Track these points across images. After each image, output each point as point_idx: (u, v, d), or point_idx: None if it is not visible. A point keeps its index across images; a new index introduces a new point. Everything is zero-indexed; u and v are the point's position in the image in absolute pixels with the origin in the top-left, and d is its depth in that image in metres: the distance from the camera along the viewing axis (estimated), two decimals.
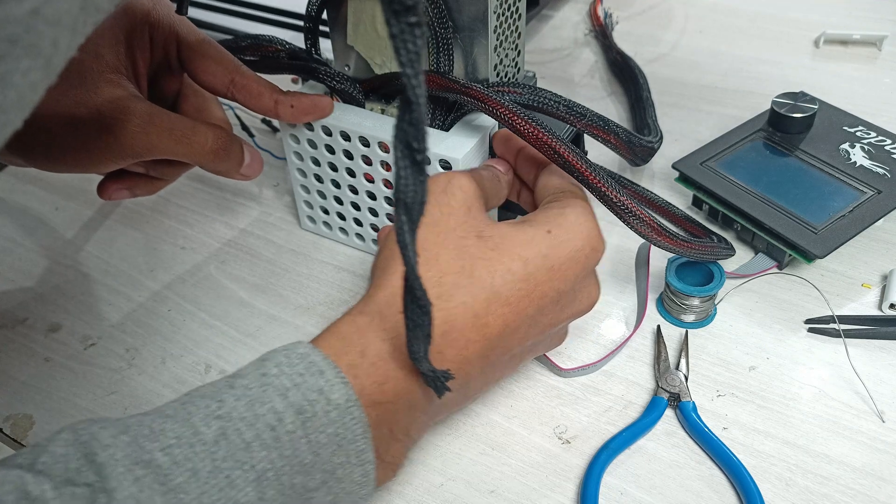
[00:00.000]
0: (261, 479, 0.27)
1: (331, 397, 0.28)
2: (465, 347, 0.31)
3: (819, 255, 0.42)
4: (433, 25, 0.40)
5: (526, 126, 0.37)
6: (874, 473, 0.35)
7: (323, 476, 0.28)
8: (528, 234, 0.33)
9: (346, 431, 0.29)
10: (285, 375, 0.29)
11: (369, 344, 0.30)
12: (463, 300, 0.31)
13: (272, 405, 0.28)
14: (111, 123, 0.38)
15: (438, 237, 0.33)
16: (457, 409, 0.35)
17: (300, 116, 0.43)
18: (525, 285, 0.32)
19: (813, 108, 0.50)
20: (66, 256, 0.51)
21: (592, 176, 0.37)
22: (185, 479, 0.25)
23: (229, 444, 0.27)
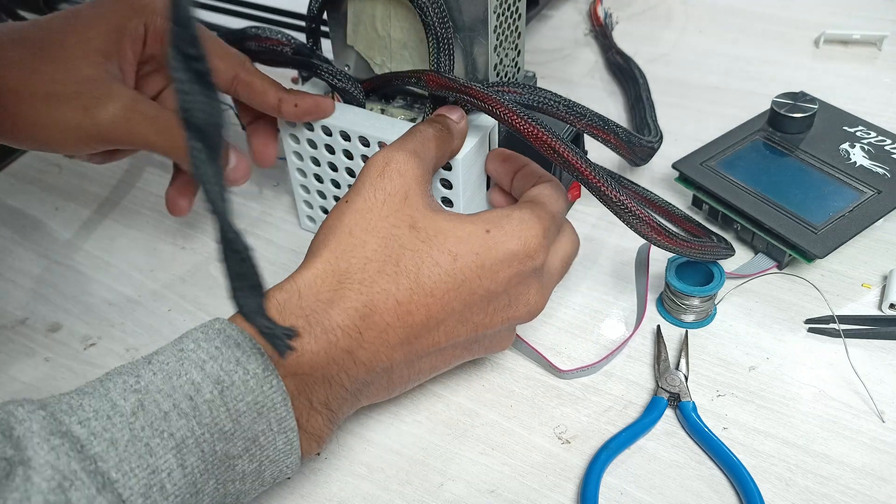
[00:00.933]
0: (180, 446, 0.27)
1: (248, 367, 0.29)
2: (384, 332, 0.32)
3: (819, 255, 0.42)
4: (433, 25, 0.40)
5: (525, 126, 0.37)
6: (874, 473, 0.35)
7: (245, 443, 0.29)
8: (465, 230, 0.34)
9: (266, 399, 0.29)
10: (202, 349, 0.29)
11: (286, 319, 0.31)
12: (385, 287, 0.32)
13: (190, 377, 0.28)
14: (89, 104, 0.37)
15: (369, 224, 0.33)
16: (385, 396, 0.35)
17: (303, 116, 0.42)
18: (451, 280, 0.33)
19: (813, 108, 0.50)
20: (66, 256, 0.51)
21: (592, 176, 0.37)
22: (103, 448, 0.26)
23: (147, 415, 0.27)
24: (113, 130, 0.38)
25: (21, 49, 0.38)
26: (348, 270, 0.32)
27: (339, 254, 0.33)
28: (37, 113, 0.37)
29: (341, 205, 0.34)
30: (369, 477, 0.37)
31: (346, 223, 0.33)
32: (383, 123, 0.42)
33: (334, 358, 0.31)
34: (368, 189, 0.34)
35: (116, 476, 0.26)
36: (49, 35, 0.38)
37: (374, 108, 0.45)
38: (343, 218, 0.34)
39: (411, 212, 0.34)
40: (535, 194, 0.38)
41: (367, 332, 0.32)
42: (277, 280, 0.47)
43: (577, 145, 0.45)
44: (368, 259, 0.33)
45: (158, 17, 0.40)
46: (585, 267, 0.47)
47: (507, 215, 0.35)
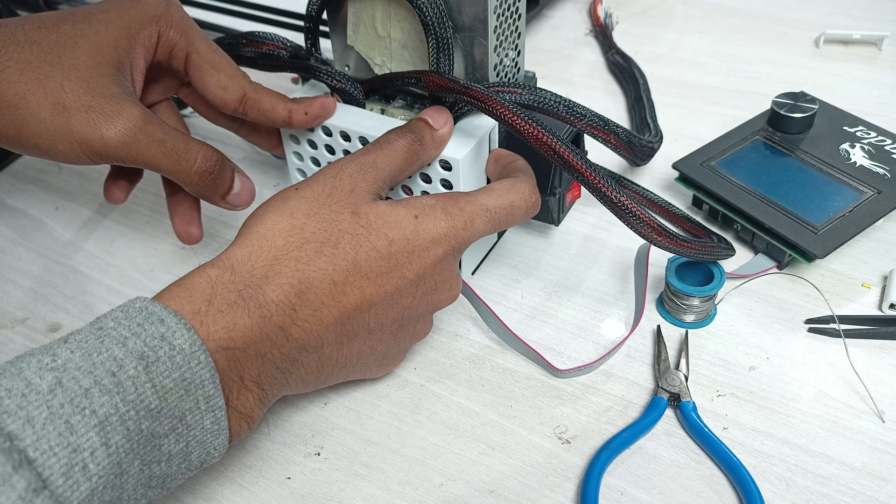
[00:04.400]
0: (104, 423, 0.26)
1: (174, 342, 0.28)
2: (318, 310, 0.33)
3: (819, 255, 0.42)
4: (433, 26, 0.40)
5: (525, 126, 0.37)
6: (874, 473, 0.35)
7: (171, 422, 0.28)
8: (399, 214, 0.35)
9: (193, 376, 0.29)
10: (123, 327, 0.28)
11: (217, 293, 0.31)
12: (322, 266, 0.33)
13: (111, 353, 0.27)
14: (98, 121, 0.36)
15: (311, 209, 0.34)
16: (314, 381, 0.35)
17: (312, 122, 0.42)
18: (386, 263, 0.34)
19: (813, 108, 0.50)
20: (66, 256, 0.51)
21: (592, 176, 0.37)
22: (18, 426, 0.25)
23: (66, 392, 0.26)
24: (119, 149, 0.36)
25: (29, 52, 0.36)
26: (285, 248, 0.33)
27: (277, 232, 0.33)
28: (42, 122, 0.36)
29: (289, 191, 0.35)
30: (369, 477, 0.37)
31: (289, 206, 0.34)
32: (383, 124, 0.42)
33: (267, 333, 0.31)
34: (319, 183, 0.35)
35: (34, 455, 0.24)
36: (59, 40, 0.37)
37: (374, 109, 0.45)
38: (288, 201, 0.34)
39: (355, 200, 0.35)
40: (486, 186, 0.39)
41: (302, 308, 0.32)
42: None
43: (577, 145, 0.45)
44: (306, 240, 0.33)
45: (172, 29, 0.40)
46: (585, 267, 0.47)
47: (432, 205, 0.36)
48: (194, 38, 0.40)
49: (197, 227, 0.44)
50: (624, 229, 0.39)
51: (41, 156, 0.38)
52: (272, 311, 0.31)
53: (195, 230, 0.44)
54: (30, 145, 0.37)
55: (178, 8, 0.40)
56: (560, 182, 0.45)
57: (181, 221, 0.44)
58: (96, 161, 0.38)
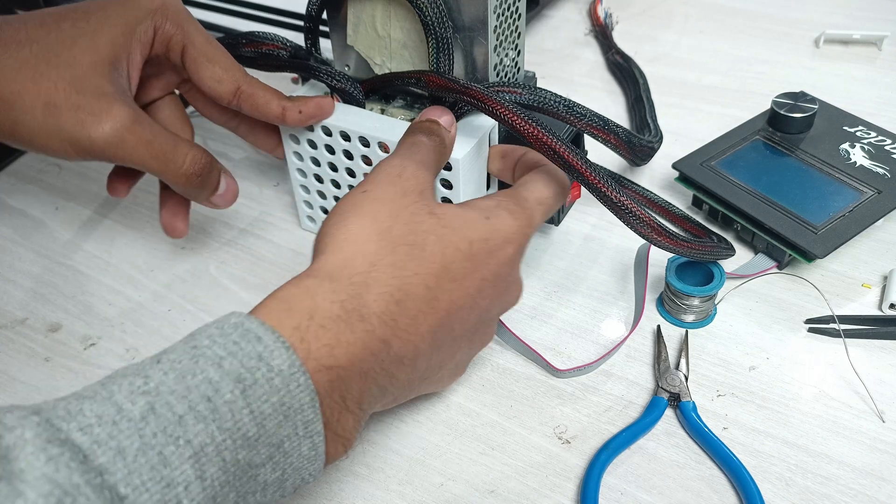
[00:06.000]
0: (199, 455, 0.24)
1: (272, 363, 0.26)
2: (415, 318, 0.31)
3: (819, 255, 0.42)
4: (433, 25, 0.40)
5: (525, 126, 0.37)
6: (874, 473, 0.35)
7: (269, 451, 0.26)
8: (471, 216, 0.34)
9: (292, 400, 0.26)
10: (218, 345, 0.26)
11: (318, 306, 0.29)
12: (416, 271, 0.31)
13: (206, 375, 0.25)
14: (86, 120, 0.36)
15: (392, 211, 0.32)
16: (403, 394, 0.34)
17: (307, 120, 0.42)
18: (469, 264, 0.33)
19: (813, 108, 0.50)
20: (65, 256, 0.51)
21: (592, 176, 0.37)
22: (109, 458, 0.23)
23: (159, 420, 0.24)
24: (106, 149, 0.37)
25: (28, 51, 0.37)
26: (379, 253, 0.31)
27: (366, 237, 0.31)
28: (35, 120, 0.36)
29: (356, 194, 0.33)
30: (369, 477, 0.37)
31: (368, 209, 0.32)
32: (383, 123, 0.42)
33: (371, 349, 0.29)
34: (387, 183, 0.33)
35: (125, 491, 0.22)
36: (58, 38, 0.38)
37: (374, 109, 0.45)
38: (364, 205, 0.32)
39: (428, 201, 0.34)
40: (524, 181, 0.38)
41: (401, 318, 0.30)
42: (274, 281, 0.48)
43: (577, 145, 0.45)
44: (396, 243, 0.31)
45: (168, 22, 0.40)
46: (585, 267, 0.47)
47: (496, 206, 0.35)
48: (191, 30, 0.41)
49: (183, 221, 0.45)
50: (624, 229, 0.39)
51: (37, 151, 0.38)
52: (374, 323, 0.29)
53: (180, 224, 0.45)
54: (25, 141, 0.38)
55: (174, 1, 0.41)
56: None
57: (168, 214, 0.45)
58: (87, 159, 0.38)
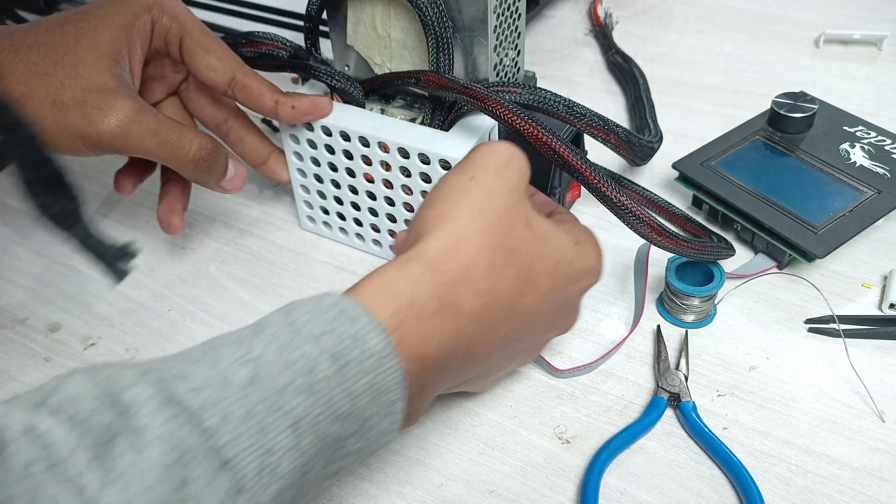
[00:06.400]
0: (296, 425, 0.25)
1: (366, 345, 0.27)
2: (496, 323, 0.31)
3: (819, 255, 0.42)
4: (433, 25, 0.40)
5: (525, 126, 0.37)
6: (874, 473, 0.35)
7: (355, 426, 0.27)
8: (563, 238, 0.33)
9: (382, 382, 0.27)
10: (315, 323, 0.27)
11: (418, 296, 0.29)
12: (509, 276, 0.31)
13: (304, 351, 0.26)
14: (92, 114, 0.37)
15: (499, 209, 0.32)
16: (456, 385, 0.34)
17: (300, 117, 0.43)
18: (551, 283, 0.33)
19: (813, 108, 0.50)
20: (66, 256, 0.51)
21: (592, 176, 0.37)
22: (217, 422, 0.24)
23: (261, 390, 0.25)
24: (114, 140, 0.38)
25: (36, 54, 0.39)
26: (480, 252, 0.30)
27: (473, 232, 0.31)
28: (44, 119, 0.38)
29: (463, 180, 0.32)
30: (369, 477, 0.37)
31: (477, 201, 0.31)
32: (383, 123, 0.42)
33: (458, 346, 0.30)
34: (494, 173, 0.32)
35: (230, 454, 0.23)
36: (63, 39, 0.39)
37: (374, 109, 0.45)
38: (472, 194, 0.32)
39: (526, 209, 0.33)
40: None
41: (486, 320, 0.30)
42: (274, 281, 0.48)
43: (576, 145, 0.45)
44: (498, 246, 0.31)
45: (165, 16, 0.41)
46: None
47: (586, 234, 0.35)
48: (187, 22, 0.41)
49: (178, 217, 0.46)
50: (624, 229, 0.39)
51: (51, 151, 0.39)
52: (464, 321, 0.30)
53: (176, 220, 0.46)
54: None
55: None
56: (559, 182, 0.45)
57: (165, 209, 0.46)
58: (97, 153, 0.39)
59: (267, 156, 0.47)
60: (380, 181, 0.44)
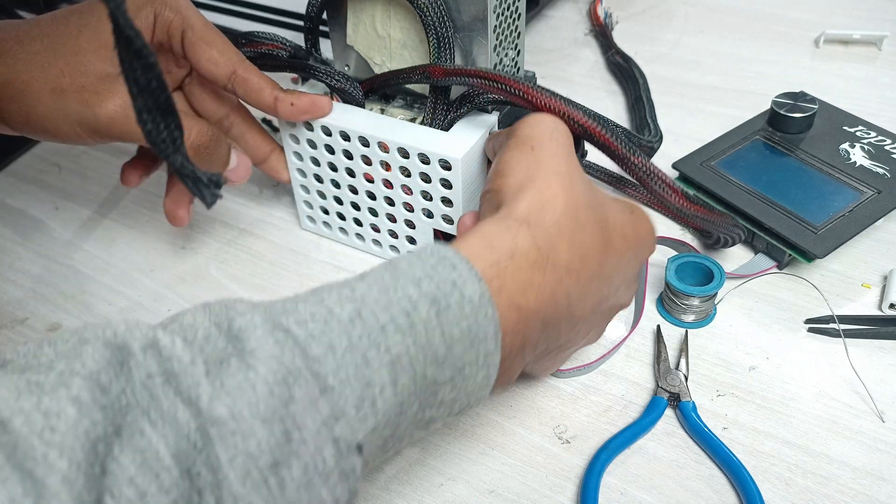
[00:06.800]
0: (395, 363, 0.26)
1: (464, 292, 0.27)
2: (591, 279, 0.31)
3: (819, 255, 0.42)
4: (433, 25, 0.40)
5: (539, 97, 0.36)
6: (874, 473, 0.35)
7: (451, 372, 0.28)
8: (619, 205, 0.34)
9: (479, 329, 0.28)
10: (417, 267, 0.28)
11: (518, 247, 0.29)
12: (592, 232, 0.32)
13: (406, 292, 0.27)
14: (91, 99, 0.38)
15: (568, 169, 0.32)
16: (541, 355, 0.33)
17: (299, 115, 0.43)
18: (625, 244, 0.33)
19: (813, 108, 0.50)
20: (65, 256, 0.51)
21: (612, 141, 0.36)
22: (322, 351, 0.25)
23: (364, 325, 0.26)
24: (112, 126, 0.38)
25: (39, 44, 0.39)
26: (566, 207, 0.31)
27: (554, 192, 0.31)
28: (45, 105, 0.38)
29: (524, 150, 0.33)
30: (369, 477, 0.37)
31: (545, 162, 0.32)
32: (383, 123, 0.42)
33: (557, 299, 0.30)
34: (550, 139, 0.34)
35: (334, 382, 0.24)
36: (66, 30, 0.40)
37: (374, 108, 0.45)
38: (539, 159, 0.32)
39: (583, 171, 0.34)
40: None
41: (582, 276, 0.31)
42: (274, 281, 0.48)
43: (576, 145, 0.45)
44: (579, 201, 0.31)
45: (167, 9, 0.41)
46: None
47: (631, 201, 0.35)
48: (189, 15, 0.42)
49: (185, 209, 0.46)
50: None
51: (51, 138, 0.40)
52: (563, 275, 0.30)
53: (182, 212, 0.46)
54: (38, 129, 0.40)
55: None
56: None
57: (171, 202, 0.46)
58: (97, 139, 0.40)
59: (268, 153, 0.47)
60: (379, 181, 0.44)
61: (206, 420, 0.22)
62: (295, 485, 0.23)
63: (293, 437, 0.23)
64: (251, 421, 0.23)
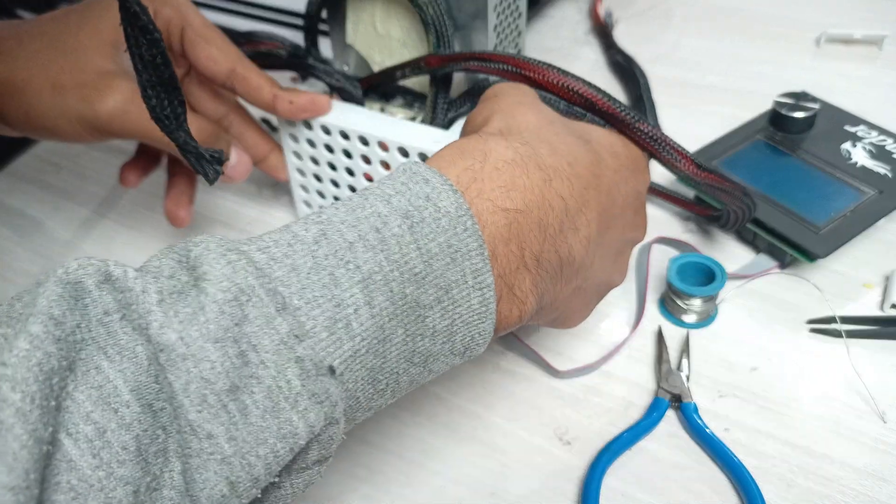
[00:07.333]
0: (367, 281, 0.25)
1: (439, 204, 0.26)
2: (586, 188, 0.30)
3: (821, 255, 0.42)
4: (433, 23, 0.40)
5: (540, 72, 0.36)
6: (876, 474, 0.35)
7: (437, 293, 0.26)
8: (601, 129, 0.34)
9: (460, 244, 0.26)
10: (386, 185, 0.27)
11: (492, 150, 0.28)
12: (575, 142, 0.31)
13: (375, 209, 0.26)
14: (91, 95, 0.38)
15: (539, 101, 0.32)
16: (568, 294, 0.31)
17: (298, 113, 0.42)
18: (617, 162, 0.32)
19: (814, 108, 0.50)
20: (64, 256, 0.51)
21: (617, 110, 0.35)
22: (284, 273, 0.24)
23: (330, 244, 0.25)
24: (112, 122, 0.38)
25: (39, 42, 0.39)
26: (538, 122, 0.30)
27: (524, 112, 0.31)
28: (44, 102, 0.38)
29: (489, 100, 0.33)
30: (370, 479, 0.37)
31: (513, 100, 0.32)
32: (382, 122, 0.42)
33: (549, 200, 0.28)
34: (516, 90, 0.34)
35: (298, 303, 0.23)
36: (66, 28, 0.40)
37: (374, 107, 0.45)
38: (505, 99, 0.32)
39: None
40: None
41: (576, 182, 0.29)
42: None
43: None
44: (552, 119, 0.31)
45: (167, 7, 0.41)
46: None
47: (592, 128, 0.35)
48: (188, 13, 0.42)
49: (185, 210, 0.46)
50: None
51: (51, 137, 0.41)
52: (551, 175, 0.28)
53: (183, 212, 0.46)
54: (38, 127, 0.40)
55: None
56: None
57: (171, 202, 0.46)
58: (96, 136, 0.40)
59: (267, 152, 0.47)
60: None
61: (157, 347, 0.22)
62: (259, 410, 0.22)
63: (250, 358, 0.22)
64: (202, 343, 0.22)
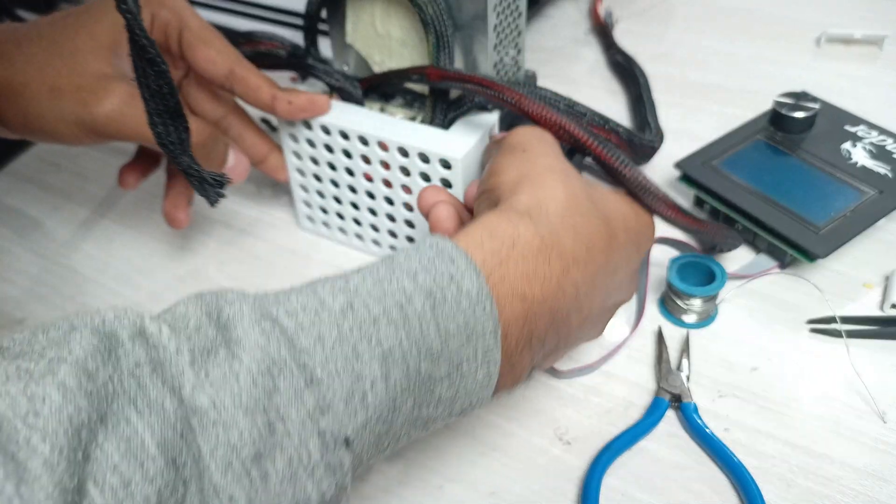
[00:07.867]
0: (387, 356, 0.25)
1: (462, 285, 0.27)
2: (597, 271, 0.31)
3: (821, 255, 0.42)
4: (433, 23, 0.40)
5: (532, 106, 0.36)
6: (876, 474, 0.35)
7: (448, 368, 0.27)
8: (617, 197, 0.34)
9: (476, 324, 0.27)
10: (414, 260, 0.27)
11: (520, 236, 0.29)
12: (596, 223, 0.31)
13: (401, 284, 0.27)
14: (87, 98, 0.38)
15: (563, 168, 0.32)
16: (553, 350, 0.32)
17: (297, 113, 0.42)
18: (627, 236, 0.33)
19: (814, 108, 0.50)
20: (64, 256, 0.51)
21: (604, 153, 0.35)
22: (310, 343, 0.24)
23: (356, 316, 0.25)
24: (108, 124, 0.39)
25: (37, 45, 0.40)
26: (567, 200, 0.31)
27: (553, 185, 0.31)
28: (42, 105, 0.39)
29: (516, 153, 0.33)
30: (369, 479, 0.37)
31: (538, 161, 0.32)
32: (382, 122, 0.42)
33: (565, 288, 0.29)
34: (539, 142, 0.34)
35: (321, 375, 0.24)
36: (63, 31, 0.40)
37: (374, 107, 0.45)
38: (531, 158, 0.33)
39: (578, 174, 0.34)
40: None
41: (590, 267, 0.30)
42: (273, 282, 0.47)
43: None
44: (578, 196, 0.31)
45: (164, 9, 0.41)
46: None
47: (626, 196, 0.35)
48: (186, 15, 0.42)
49: (184, 212, 0.46)
50: None
51: (49, 140, 0.41)
52: (569, 263, 0.30)
53: (181, 214, 0.46)
54: (36, 130, 0.40)
55: None
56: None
57: (170, 204, 0.46)
58: (94, 139, 0.40)
59: (266, 153, 0.47)
60: (379, 180, 0.43)
61: (189, 409, 0.22)
62: (279, 477, 0.23)
63: (277, 428, 0.23)
64: (233, 411, 0.23)
